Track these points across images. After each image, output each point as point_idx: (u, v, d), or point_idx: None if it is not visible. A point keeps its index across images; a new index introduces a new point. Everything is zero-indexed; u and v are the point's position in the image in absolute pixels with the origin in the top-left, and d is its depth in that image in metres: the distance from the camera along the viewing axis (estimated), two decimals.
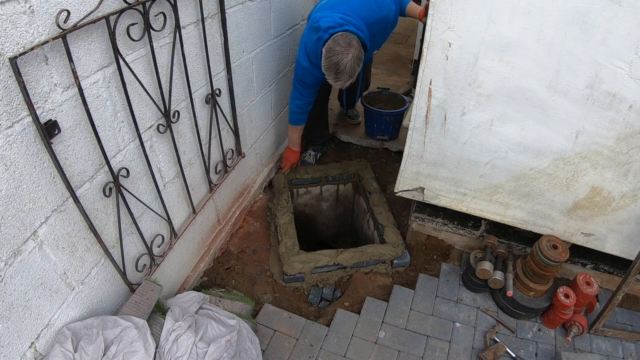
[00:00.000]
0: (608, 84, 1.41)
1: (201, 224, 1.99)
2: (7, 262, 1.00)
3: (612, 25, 1.30)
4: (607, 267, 2.07)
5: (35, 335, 1.14)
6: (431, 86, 1.64)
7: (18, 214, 1.00)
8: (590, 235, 1.83)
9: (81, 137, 1.15)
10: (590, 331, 1.90)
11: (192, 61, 1.56)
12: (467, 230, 2.19)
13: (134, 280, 1.51)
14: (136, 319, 1.32)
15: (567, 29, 1.35)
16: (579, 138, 1.57)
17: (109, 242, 1.34)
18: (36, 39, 0.93)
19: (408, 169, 1.95)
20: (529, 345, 1.85)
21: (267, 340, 1.81)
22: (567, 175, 1.68)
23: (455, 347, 1.83)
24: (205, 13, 1.56)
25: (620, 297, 1.75)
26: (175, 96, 1.52)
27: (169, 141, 1.55)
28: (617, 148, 1.54)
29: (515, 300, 1.89)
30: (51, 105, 1.03)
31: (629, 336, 1.89)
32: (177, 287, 1.90)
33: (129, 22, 1.18)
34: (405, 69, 4.27)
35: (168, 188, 1.64)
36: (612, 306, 1.79)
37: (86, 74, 1.11)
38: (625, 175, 1.60)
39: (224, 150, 2.01)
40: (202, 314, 1.55)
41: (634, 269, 1.65)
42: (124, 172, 1.34)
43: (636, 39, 1.29)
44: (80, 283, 1.27)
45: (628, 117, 1.45)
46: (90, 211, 1.23)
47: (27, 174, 1.01)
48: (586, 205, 1.74)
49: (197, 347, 1.34)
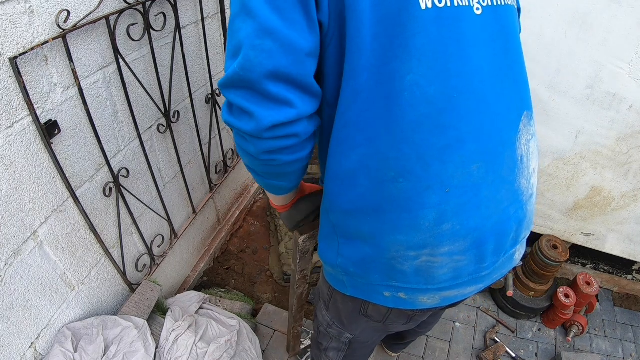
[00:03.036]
0: (608, 84, 1.41)
1: (201, 224, 1.99)
2: (7, 262, 1.00)
3: (612, 25, 1.30)
4: (607, 267, 2.07)
5: (35, 335, 1.14)
6: None
7: (18, 214, 1.00)
8: (590, 235, 1.83)
9: (81, 137, 1.15)
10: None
11: (192, 61, 1.56)
12: None
13: (134, 280, 1.51)
14: (136, 319, 1.32)
15: (567, 29, 1.35)
16: (579, 138, 1.57)
17: (109, 242, 1.34)
18: (36, 39, 0.93)
19: None
20: (529, 345, 1.85)
21: (267, 340, 1.80)
22: (567, 175, 1.68)
23: (455, 347, 1.83)
24: (205, 13, 1.55)
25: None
26: (176, 96, 1.52)
27: (169, 141, 1.55)
28: (617, 148, 1.54)
29: (515, 300, 1.89)
30: (51, 105, 1.03)
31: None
32: (177, 287, 1.90)
33: (129, 22, 1.18)
34: None
35: (168, 188, 1.64)
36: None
37: (86, 74, 1.11)
38: (625, 175, 1.60)
39: (224, 150, 2.01)
40: (202, 314, 1.55)
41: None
42: (124, 172, 1.34)
43: (636, 39, 1.29)
44: (80, 283, 1.27)
45: (628, 117, 1.45)
46: (90, 211, 1.23)
47: (27, 174, 1.00)
48: (586, 205, 1.74)
49: (197, 347, 1.34)
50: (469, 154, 0.68)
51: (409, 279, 0.78)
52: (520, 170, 0.76)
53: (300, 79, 0.62)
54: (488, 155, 0.71)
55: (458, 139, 0.67)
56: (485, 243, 0.76)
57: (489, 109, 0.70)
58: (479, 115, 0.69)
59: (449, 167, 0.68)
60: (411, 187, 0.69)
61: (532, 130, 0.79)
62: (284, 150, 0.67)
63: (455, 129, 0.67)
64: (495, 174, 0.72)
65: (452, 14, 0.64)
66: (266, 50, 0.58)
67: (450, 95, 0.65)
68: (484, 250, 0.76)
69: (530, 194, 0.81)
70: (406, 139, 0.66)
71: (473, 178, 0.70)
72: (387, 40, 0.63)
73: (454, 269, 0.77)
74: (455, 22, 0.65)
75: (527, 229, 0.86)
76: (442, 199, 0.69)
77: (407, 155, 0.67)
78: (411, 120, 0.65)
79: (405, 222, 0.71)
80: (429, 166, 0.67)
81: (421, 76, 0.64)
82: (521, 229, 0.82)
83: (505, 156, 0.73)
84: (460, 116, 0.67)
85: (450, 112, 0.66)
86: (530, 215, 0.84)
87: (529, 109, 0.79)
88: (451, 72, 0.65)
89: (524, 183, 0.78)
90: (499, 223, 0.76)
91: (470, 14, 0.66)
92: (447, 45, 0.64)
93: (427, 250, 0.73)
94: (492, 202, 0.73)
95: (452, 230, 0.72)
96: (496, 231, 0.76)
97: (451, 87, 0.65)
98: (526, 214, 0.81)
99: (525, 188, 0.78)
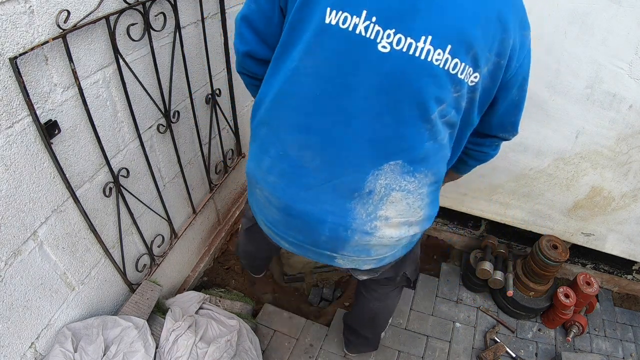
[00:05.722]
0: (608, 84, 1.41)
1: (201, 224, 1.99)
2: (7, 262, 1.00)
3: (612, 25, 1.30)
4: (607, 267, 2.07)
5: (35, 335, 1.14)
6: None
7: (18, 214, 1.00)
8: (590, 235, 1.83)
9: (81, 137, 1.15)
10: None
11: (192, 61, 1.56)
12: (467, 230, 2.19)
13: (134, 280, 1.51)
14: (136, 319, 1.32)
15: (567, 29, 1.35)
16: (579, 138, 1.57)
17: (109, 242, 1.34)
18: (36, 39, 0.93)
19: None
20: (529, 345, 1.85)
21: (267, 340, 1.81)
22: (567, 175, 1.68)
23: (455, 347, 1.83)
24: (205, 13, 1.55)
25: None
26: (175, 96, 1.52)
27: (169, 141, 1.55)
28: (617, 148, 1.54)
29: (515, 300, 1.89)
30: (51, 106, 1.03)
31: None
32: (177, 287, 1.90)
33: (129, 22, 1.18)
34: None
35: (168, 188, 1.64)
36: None
37: (86, 74, 1.11)
38: (625, 175, 1.60)
39: (224, 150, 2.01)
40: (202, 314, 1.55)
41: None
42: (124, 172, 1.34)
43: (636, 39, 1.29)
44: (80, 283, 1.27)
45: (628, 117, 1.45)
46: (90, 211, 1.23)
47: (27, 174, 1.00)
48: (586, 205, 1.74)
49: (197, 347, 1.34)
50: (311, 143, 0.84)
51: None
52: (361, 198, 0.84)
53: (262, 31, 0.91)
54: (329, 157, 0.83)
55: (308, 130, 0.83)
56: (290, 215, 0.91)
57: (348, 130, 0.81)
58: (332, 125, 0.81)
59: (292, 139, 0.85)
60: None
61: (407, 186, 0.82)
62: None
63: (318, 126, 0.82)
64: (330, 179, 0.84)
65: (352, 39, 0.74)
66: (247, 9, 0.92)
67: (317, 95, 0.81)
68: (290, 221, 0.91)
69: (369, 232, 0.86)
70: (274, 108, 0.87)
71: (303, 160, 0.84)
72: (288, 39, 0.82)
73: (270, 216, 0.96)
74: (351, 47, 0.75)
75: (352, 252, 0.91)
76: (278, 154, 0.87)
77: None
78: (282, 92, 0.85)
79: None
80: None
81: (303, 70, 0.82)
82: (339, 245, 0.89)
83: (349, 176, 0.82)
84: (318, 115, 0.82)
85: (314, 105, 0.82)
86: (368, 244, 0.88)
87: (410, 163, 0.81)
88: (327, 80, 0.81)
89: (361, 212, 0.85)
90: (309, 213, 0.87)
91: (373, 48, 0.74)
92: (332, 62, 0.78)
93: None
94: (312, 191, 0.85)
95: (273, 182, 0.90)
96: (303, 215, 0.88)
97: (321, 89, 0.80)
98: (351, 237, 0.86)
99: (360, 217, 0.85)
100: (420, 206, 0.87)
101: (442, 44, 0.72)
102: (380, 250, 0.92)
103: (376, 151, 0.80)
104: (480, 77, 0.78)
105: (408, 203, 0.85)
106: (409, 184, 0.83)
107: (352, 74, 0.77)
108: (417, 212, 0.88)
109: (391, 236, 0.88)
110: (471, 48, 0.73)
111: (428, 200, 0.89)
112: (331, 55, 0.77)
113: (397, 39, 0.72)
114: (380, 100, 0.77)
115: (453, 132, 0.85)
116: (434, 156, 0.83)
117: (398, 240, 0.91)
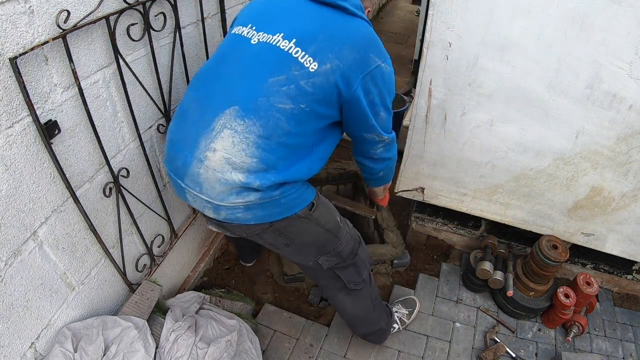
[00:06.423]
0: (608, 84, 1.41)
1: (201, 224, 1.99)
2: (7, 262, 1.00)
3: (612, 25, 1.30)
4: (607, 267, 2.07)
5: (35, 335, 1.14)
6: (431, 86, 1.64)
7: (18, 214, 1.00)
8: (590, 235, 1.83)
9: (81, 137, 1.15)
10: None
11: (192, 61, 1.56)
12: (467, 230, 2.19)
13: (134, 280, 1.51)
14: (136, 319, 1.32)
15: (567, 29, 1.35)
16: (579, 138, 1.57)
17: (109, 242, 1.34)
18: (36, 39, 0.94)
19: (408, 168, 1.95)
20: (529, 345, 1.86)
21: (267, 340, 1.81)
22: (567, 175, 1.68)
23: (455, 347, 1.83)
24: (205, 13, 1.56)
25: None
26: (176, 96, 1.52)
27: None
28: (617, 148, 1.54)
29: (515, 300, 1.89)
30: (51, 106, 1.03)
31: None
32: (177, 287, 1.90)
33: (129, 22, 1.18)
34: (405, 69, 4.27)
35: (168, 188, 1.64)
36: None
37: (86, 74, 1.11)
38: (625, 175, 1.60)
39: None
40: (202, 314, 1.55)
41: None
42: (124, 172, 1.34)
43: (636, 39, 1.29)
44: (80, 283, 1.27)
45: (628, 117, 1.45)
46: (90, 211, 1.23)
47: (27, 174, 1.01)
48: (586, 205, 1.74)
49: (197, 347, 1.34)
50: (197, 96, 1.16)
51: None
52: (206, 134, 1.07)
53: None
54: (203, 102, 1.13)
55: (202, 91, 1.16)
56: (169, 149, 1.18)
57: (215, 88, 1.13)
58: (211, 85, 1.15)
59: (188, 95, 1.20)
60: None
61: (236, 127, 1.05)
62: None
63: (203, 87, 1.16)
64: (197, 120, 1.12)
65: (239, 38, 1.16)
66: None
67: (207, 73, 1.19)
68: (172, 158, 1.16)
69: (201, 159, 1.07)
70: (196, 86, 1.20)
71: (189, 108, 1.16)
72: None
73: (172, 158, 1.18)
74: (237, 43, 1.16)
75: (192, 181, 1.11)
76: (181, 107, 1.19)
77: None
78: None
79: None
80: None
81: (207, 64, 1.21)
82: (185, 172, 1.11)
83: (207, 117, 1.09)
84: (205, 83, 1.17)
85: (205, 78, 1.18)
86: (199, 175, 1.09)
87: (243, 110, 1.06)
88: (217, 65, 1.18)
89: (202, 143, 1.07)
90: (179, 149, 1.13)
91: (248, 42, 1.13)
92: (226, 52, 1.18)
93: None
94: (185, 131, 1.13)
95: (171, 130, 1.20)
96: (174, 146, 1.15)
97: (211, 69, 1.18)
98: (190, 163, 1.09)
99: (200, 147, 1.08)
100: (243, 149, 1.05)
101: (289, 38, 1.08)
102: (212, 191, 1.09)
103: (227, 97, 1.08)
104: (318, 67, 1.05)
105: (233, 142, 1.05)
106: (238, 125, 1.05)
107: (233, 55, 1.15)
108: (239, 153, 1.05)
109: (215, 169, 1.06)
110: (312, 44, 1.07)
111: (253, 148, 1.06)
112: (224, 48, 1.19)
113: (262, 35, 1.12)
114: (245, 67, 1.10)
115: (295, 107, 1.06)
116: (265, 111, 1.06)
117: (227, 183, 1.06)
